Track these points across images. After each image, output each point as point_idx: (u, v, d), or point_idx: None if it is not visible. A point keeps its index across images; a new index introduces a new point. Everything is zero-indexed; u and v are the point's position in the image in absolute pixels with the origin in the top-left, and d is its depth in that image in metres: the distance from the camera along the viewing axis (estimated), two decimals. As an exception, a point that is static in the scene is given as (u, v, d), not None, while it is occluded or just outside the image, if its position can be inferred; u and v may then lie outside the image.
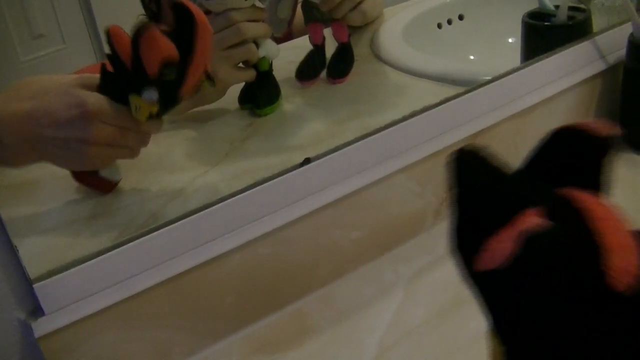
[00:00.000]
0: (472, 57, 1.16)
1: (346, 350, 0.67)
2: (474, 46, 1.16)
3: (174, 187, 0.75)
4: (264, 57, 0.86)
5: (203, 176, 0.76)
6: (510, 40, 1.00)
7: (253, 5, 0.84)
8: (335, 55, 0.94)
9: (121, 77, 0.66)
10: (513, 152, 0.83)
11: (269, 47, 0.85)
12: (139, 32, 0.63)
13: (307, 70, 0.94)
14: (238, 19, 0.82)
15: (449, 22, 1.18)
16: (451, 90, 0.86)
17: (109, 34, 0.65)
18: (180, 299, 0.66)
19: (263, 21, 0.86)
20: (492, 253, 0.39)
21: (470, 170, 0.41)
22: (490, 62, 1.13)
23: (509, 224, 0.38)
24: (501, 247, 0.38)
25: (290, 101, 0.92)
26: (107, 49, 0.66)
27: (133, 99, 0.66)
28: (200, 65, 0.65)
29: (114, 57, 0.65)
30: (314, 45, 0.94)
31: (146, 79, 0.64)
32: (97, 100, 0.66)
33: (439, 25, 1.17)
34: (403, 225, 0.76)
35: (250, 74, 0.86)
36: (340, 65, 0.94)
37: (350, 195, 0.70)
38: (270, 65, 0.88)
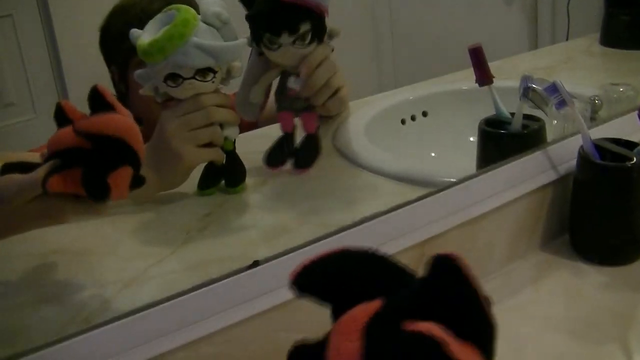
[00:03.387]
0: (433, 155, 1.19)
1: None
2: (436, 143, 1.19)
3: (128, 274, 0.75)
4: (226, 138, 0.89)
5: (157, 265, 0.77)
6: (471, 139, 1.02)
7: (218, 91, 0.88)
8: (302, 146, 0.97)
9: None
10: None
11: (231, 130, 0.89)
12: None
13: (276, 156, 0.96)
14: (207, 103, 0.86)
15: (413, 118, 1.21)
16: (408, 190, 0.88)
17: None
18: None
19: (230, 107, 0.89)
20: None
21: None
22: (451, 160, 1.16)
23: None
24: None
25: (252, 192, 0.93)
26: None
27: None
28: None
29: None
30: (284, 132, 0.97)
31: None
32: (61, 211, 0.67)
33: (403, 121, 1.20)
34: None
35: (218, 153, 0.89)
36: (306, 155, 0.96)
37: (295, 299, 0.71)
38: (234, 143, 0.91)
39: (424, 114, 1.22)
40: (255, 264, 0.69)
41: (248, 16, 0.89)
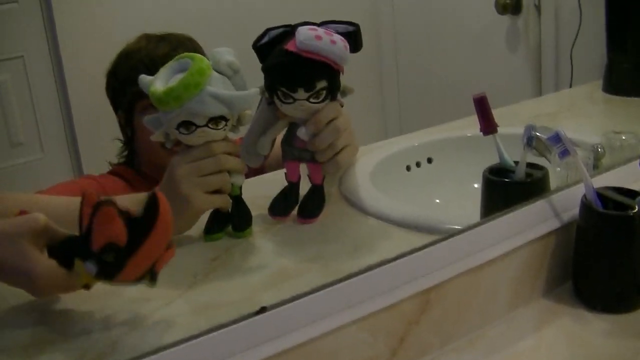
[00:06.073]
0: (437, 201, 1.20)
1: None
2: (441, 190, 1.20)
3: (135, 317, 0.76)
4: (233, 184, 0.91)
5: (164, 308, 0.78)
6: (475, 185, 1.04)
7: (227, 138, 0.90)
8: (308, 196, 0.98)
9: (76, 237, 0.71)
10: (463, 309, 0.86)
11: (238, 176, 0.91)
12: (98, 205, 0.67)
13: (280, 206, 0.98)
14: (218, 151, 0.88)
15: (418, 165, 1.23)
16: (413, 237, 0.90)
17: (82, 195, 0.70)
18: None
19: (237, 155, 0.91)
20: None
21: None
22: (455, 207, 1.17)
23: None
24: None
25: (258, 237, 0.94)
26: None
27: (77, 263, 0.70)
28: (142, 262, 0.69)
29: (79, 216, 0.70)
30: (289, 182, 0.98)
31: (90, 252, 0.68)
32: (44, 271, 0.70)
33: (408, 168, 1.22)
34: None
35: (226, 200, 0.91)
36: (312, 206, 0.97)
37: (302, 345, 0.71)
38: (240, 189, 0.93)
39: (429, 160, 1.24)
40: (263, 310, 0.70)
41: (264, 68, 0.90)
